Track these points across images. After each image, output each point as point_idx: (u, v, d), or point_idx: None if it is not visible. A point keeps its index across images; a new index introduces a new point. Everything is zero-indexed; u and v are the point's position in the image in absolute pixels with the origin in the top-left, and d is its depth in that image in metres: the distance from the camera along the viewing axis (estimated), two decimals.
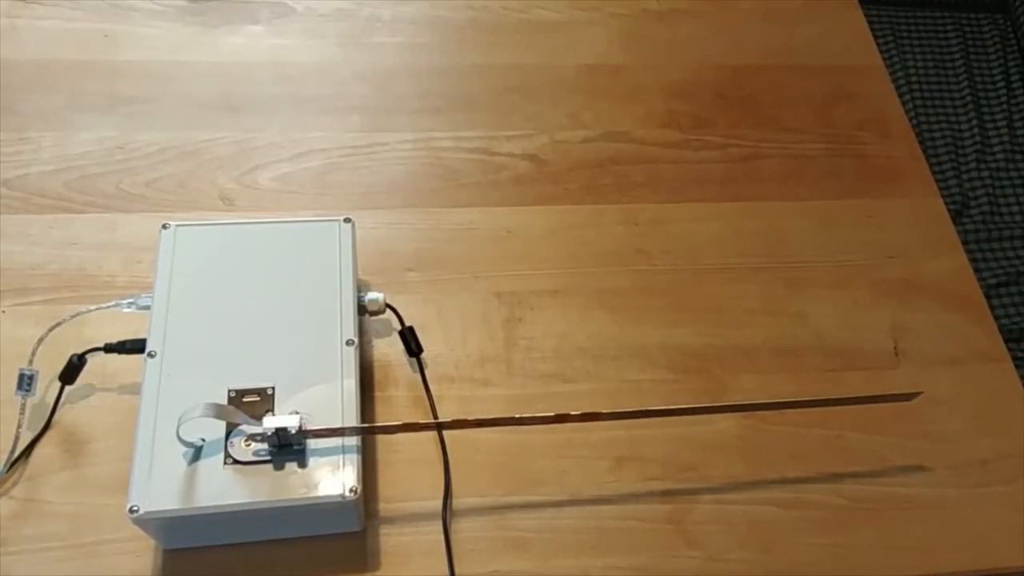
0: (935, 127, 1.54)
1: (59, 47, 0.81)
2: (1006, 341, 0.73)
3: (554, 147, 0.80)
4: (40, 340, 0.59)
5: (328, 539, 0.58)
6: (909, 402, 0.64)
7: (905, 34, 1.65)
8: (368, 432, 0.60)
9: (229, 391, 0.55)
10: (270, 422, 0.53)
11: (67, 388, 0.61)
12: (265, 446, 0.53)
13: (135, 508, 0.50)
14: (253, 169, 0.75)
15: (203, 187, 0.74)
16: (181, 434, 0.51)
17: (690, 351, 0.69)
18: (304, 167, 0.76)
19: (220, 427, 0.54)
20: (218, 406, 0.52)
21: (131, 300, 0.60)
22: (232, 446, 0.53)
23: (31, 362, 0.60)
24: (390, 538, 0.59)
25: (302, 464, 0.53)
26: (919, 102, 1.57)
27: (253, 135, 0.77)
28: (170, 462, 0.52)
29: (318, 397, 0.56)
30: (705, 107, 0.85)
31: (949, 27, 1.66)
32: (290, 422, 0.53)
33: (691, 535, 0.61)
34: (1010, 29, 1.66)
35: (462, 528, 0.60)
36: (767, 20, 0.93)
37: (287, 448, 0.54)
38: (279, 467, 0.53)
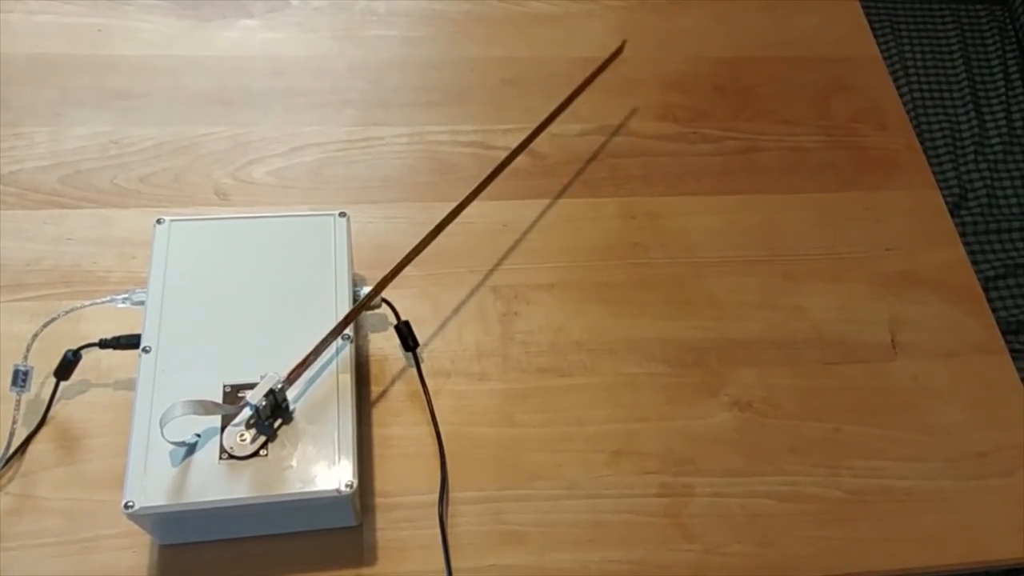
0: (933, 119, 1.54)
1: (52, 41, 0.80)
2: (1004, 333, 0.73)
3: (550, 140, 0.80)
4: (35, 336, 0.59)
5: (325, 534, 0.58)
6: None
7: (903, 26, 1.65)
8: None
9: (224, 386, 0.55)
10: (254, 396, 0.53)
11: (62, 384, 0.60)
12: (255, 432, 0.54)
13: (130, 504, 0.50)
14: (248, 163, 0.75)
15: (198, 182, 0.73)
16: (167, 435, 0.51)
17: (687, 344, 0.69)
18: (299, 161, 0.76)
19: (215, 422, 0.54)
20: (197, 402, 0.51)
21: (126, 295, 0.60)
22: (227, 440, 0.53)
23: (26, 358, 0.59)
24: (387, 532, 0.59)
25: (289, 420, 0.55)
26: (917, 94, 1.56)
27: (248, 129, 0.77)
28: (165, 458, 0.52)
29: (314, 392, 0.56)
30: (702, 99, 0.85)
31: (947, 19, 1.66)
32: (269, 382, 0.53)
33: (688, 528, 0.61)
34: (1008, 21, 1.66)
35: (459, 522, 0.60)
36: (764, 11, 0.92)
37: (279, 413, 0.55)
38: (275, 459, 0.53)
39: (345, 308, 0.59)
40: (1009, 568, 0.63)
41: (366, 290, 0.62)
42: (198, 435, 0.53)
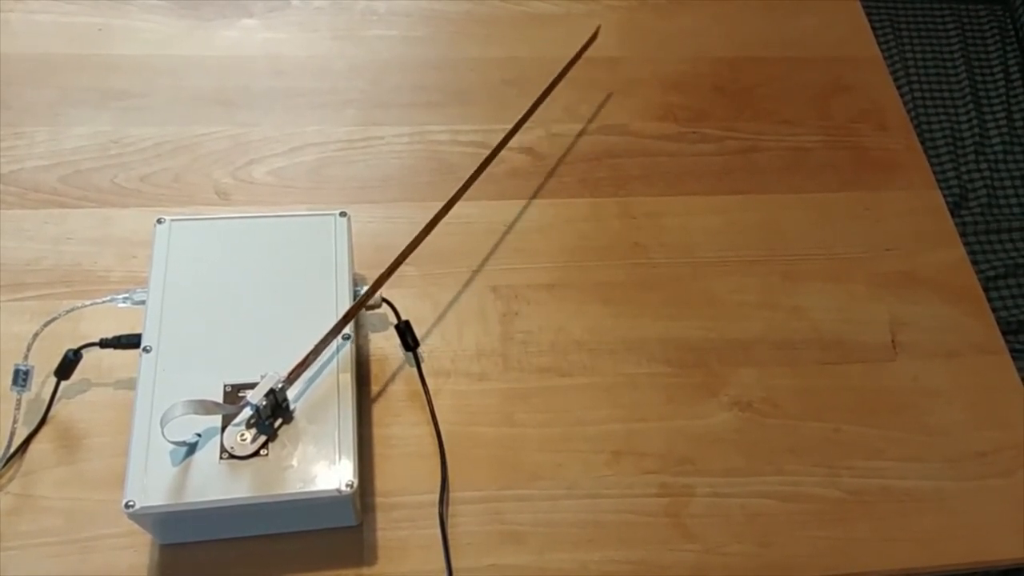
0: (933, 119, 1.54)
1: (53, 41, 0.80)
2: (1004, 333, 0.73)
3: (550, 140, 0.80)
4: (35, 335, 0.59)
5: (325, 533, 0.58)
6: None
7: (904, 25, 1.65)
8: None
9: (225, 386, 0.55)
10: (254, 395, 0.53)
11: (63, 383, 0.61)
12: (256, 432, 0.54)
13: (131, 503, 0.50)
14: (248, 163, 0.75)
15: (198, 181, 0.73)
16: (167, 434, 0.51)
17: (687, 345, 0.69)
18: (299, 161, 0.76)
19: (215, 421, 0.54)
20: (197, 402, 0.51)
21: (126, 295, 0.60)
22: (227, 440, 0.53)
23: (26, 357, 0.59)
24: (387, 532, 0.59)
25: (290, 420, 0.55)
26: (917, 94, 1.56)
27: (248, 129, 0.77)
28: (166, 457, 0.52)
29: (314, 392, 0.56)
30: (702, 99, 0.85)
31: (948, 19, 1.66)
32: (270, 381, 0.53)
33: (688, 528, 0.61)
34: (1008, 21, 1.66)
35: (459, 522, 0.60)
36: (764, 11, 0.92)
37: (280, 413, 0.55)
38: (275, 459, 0.53)
39: (346, 308, 0.59)
40: (1009, 568, 0.63)
41: (366, 289, 0.62)
42: (198, 435, 0.53)
